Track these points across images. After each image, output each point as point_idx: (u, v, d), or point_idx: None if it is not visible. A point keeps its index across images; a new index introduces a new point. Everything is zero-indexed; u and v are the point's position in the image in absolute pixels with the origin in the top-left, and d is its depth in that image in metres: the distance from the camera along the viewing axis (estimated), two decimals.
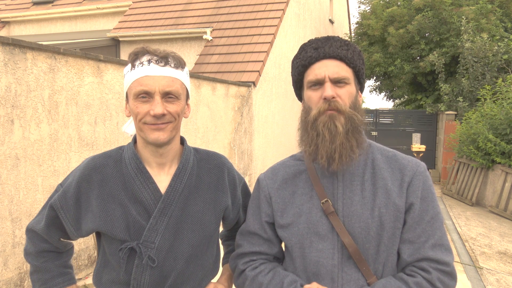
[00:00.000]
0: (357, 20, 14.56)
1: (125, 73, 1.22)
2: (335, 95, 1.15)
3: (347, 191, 1.19)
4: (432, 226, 1.16)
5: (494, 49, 10.04)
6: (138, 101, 1.16)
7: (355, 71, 1.21)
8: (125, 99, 1.25)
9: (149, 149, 1.22)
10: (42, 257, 1.30)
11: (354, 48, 1.22)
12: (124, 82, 1.22)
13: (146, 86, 1.15)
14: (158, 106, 1.14)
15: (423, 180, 1.19)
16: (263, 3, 9.59)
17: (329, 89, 1.15)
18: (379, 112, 12.78)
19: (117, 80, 4.24)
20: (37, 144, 3.39)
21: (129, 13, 10.60)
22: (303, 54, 1.23)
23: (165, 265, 1.21)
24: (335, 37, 1.22)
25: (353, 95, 1.19)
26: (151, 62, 1.16)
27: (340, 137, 1.15)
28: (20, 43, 3.20)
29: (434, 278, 1.11)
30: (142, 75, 1.16)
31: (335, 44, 1.20)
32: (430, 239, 1.14)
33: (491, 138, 7.40)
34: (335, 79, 1.17)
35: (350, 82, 1.19)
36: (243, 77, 7.84)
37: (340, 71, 1.17)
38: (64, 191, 1.23)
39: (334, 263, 1.16)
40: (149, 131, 1.17)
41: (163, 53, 1.18)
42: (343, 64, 1.18)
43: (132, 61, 1.19)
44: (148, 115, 1.15)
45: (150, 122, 1.16)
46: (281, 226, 1.24)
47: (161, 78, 1.16)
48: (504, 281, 4.18)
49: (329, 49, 1.18)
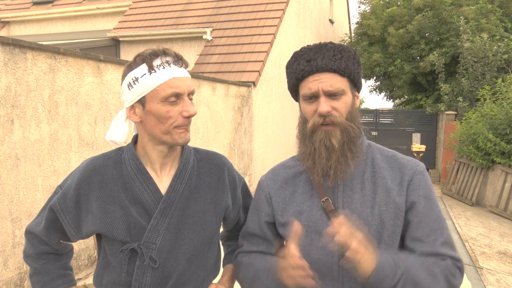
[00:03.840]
0: (357, 20, 14.56)
1: (139, 76, 1.15)
2: (330, 109, 1.15)
3: (347, 189, 1.20)
4: (439, 224, 1.16)
5: (494, 49, 10.04)
6: (167, 104, 1.14)
7: (351, 78, 1.19)
8: (135, 103, 1.18)
9: (158, 150, 1.21)
10: (41, 259, 1.30)
11: (348, 54, 1.19)
12: (138, 86, 1.15)
13: (178, 88, 1.13)
14: (191, 107, 1.15)
15: (423, 180, 1.20)
16: (263, 3, 9.59)
17: (323, 104, 1.14)
18: (379, 112, 12.78)
19: (117, 80, 4.24)
20: (37, 144, 3.39)
21: (129, 13, 10.60)
22: (296, 66, 1.21)
23: (166, 266, 1.20)
24: (328, 45, 1.19)
25: (349, 104, 1.19)
26: (171, 63, 1.15)
27: (335, 154, 1.16)
28: (20, 43, 3.20)
29: (449, 264, 1.12)
30: (170, 77, 1.13)
31: (327, 54, 1.17)
32: (439, 237, 1.15)
33: (491, 138, 7.40)
34: (329, 92, 1.15)
35: (346, 92, 1.18)
36: (243, 77, 7.83)
37: (334, 84, 1.15)
38: (63, 193, 1.23)
39: (335, 261, 1.16)
40: (180, 134, 1.17)
41: (174, 52, 1.18)
42: (337, 75, 1.16)
43: (149, 63, 1.14)
44: (180, 118, 1.15)
45: (183, 124, 1.16)
46: (282, 225, 1.25)
47: (186, 79, 1.17)
48: (504, 281, 4.18)
49: (322, 62, 1.16)
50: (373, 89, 15.47)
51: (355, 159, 1.19)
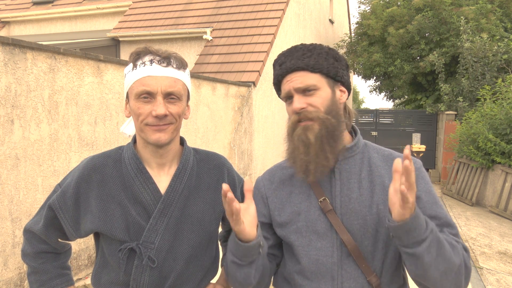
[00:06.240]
0: (357, 20, 14.56)
1: (126, 73, 1.20)
2: (304, 105, 1.17)
3: (344, 188, 1.20)
4: (446, 217, 1.17)
5: (494, 49, 10.04)
6: (139, 101, 1.15)
7: (324, 73, 1.19)
8: (125, 99, 1.24)
9: (149, 150, 1.22)
10: (40, 258, 1.30)
11: (320, 51, 1.20)
12: (125, 82, 1.21)
13: (149, 87, 1.14)
14: (160, 107, 1.13)
15: (421, 175, 1.20)
16: (263, 3, 9.59)
17: (296, 101, 1.18)
18: (379, 112, 12.78)
19: (117, 80, 4.24)
20: (37, 144, 3.39)
21: (129, 13, 10.60)
22: (274, 72, 1.27)
23: (164, 266, 1.20)
24: (298, 47, 1.22)
25: (327, 98, 1.18)
26: (153, 62, 1.15)
27: (313, 148, 1.15)
28: (20, 43, 3.20)
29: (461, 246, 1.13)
30: (144, 75, 1.14)
31: (296, 55, 1.20)
32: (448, 228, 1.15)
33: (491, 138, 7.40)
34: (300, 89, 1.18)
35: (320, 87, 1.18)
36: (243, 77, 7.84)
37: (304, 80, 1.17)
38: (63, 191, 1.23)
39: (334, 261, 1.16)
40: (151, 132, 1.16)
41: (166, 53, 1.17)
42: (307, 72, 1.18)
43: (133, 61, 1.17)
44: (150, 116, 1.15)
45: (152, 123, 1.15)
46: (279, 225, 1.25)
47: (163, 78, 1.15)
48: (504, 281, 4.18)
49: (290, 63, 1.19)
50: (373, 89, 15.48)
51: (334, 154, 1.17)
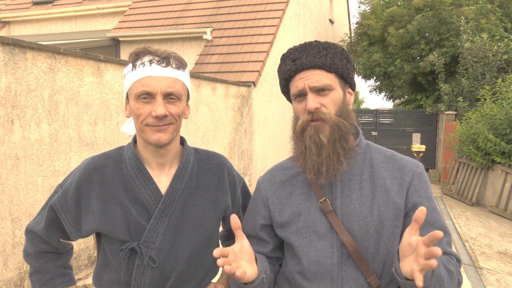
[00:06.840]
0: (357, 20, 14.57)
1: (126, 73, 1.20)
2: (319, 106, 1.14)
3: (345, 190, 1.19)
4: (443, 225, 1.18)
5: (494, 49, 10.04)
6: (139, 102, 1.15)
7: (338, 73, 1.18)
8: (125, 99, 1.24)
9: (149, 150, 1.22)
10: (41, 258, 1.30)
11: (335, 50, 1.19)
12: (125, 82, 1.21)
13: (148, 87, 1.13)
14: (160, 107, 1.13)
15: (424, 181, 1.20)
16: (263, 3, 9.59)
17: (311, 100, 1.14)
18: (379, 112, 12.78)
19: (117, 80, 4.24)
20: (37, 144, 3.39)
21: (129, 13, 10.60)
22: (283, 67, 1.22)
23: (165, 266, 1.21)
24: (312, 44, 1.20)
25: (339, 100, 1.18)
26: (153, 62, 1.15)
27: (326, 149, 1.14)
28: (20, 43, 3.20)
29: (456, 263, 1.14)
30: (143, 75, 1.14)
31: (312, 52, 1.17)
32: (445, 237, 1.16)
33: (491, 138, 7.40)
34: (315, 87, 1.15)
35: (334, 88, 1.17)
36: (243, 77, 7.84)
37: (320, 79, 1.15)
38: (64, 192, 1.23)
39: (334, 262, 1.16)
40: (151, 133, 1.16)
41: (165, 53, 1.17)
42: (323, 71, 1.16)
43: (133, 61, 1.17)
44: (149, 117, 1.14)
45: (152, 123, 1.15)
46: (279, 225, 1.25)
47: (163, 78, 1.15)
48: (504, 281, 4.18)
49: (306, 60, 1.16)
50: (373, 89, 15.47)
51: (348, 157, 1.18)
